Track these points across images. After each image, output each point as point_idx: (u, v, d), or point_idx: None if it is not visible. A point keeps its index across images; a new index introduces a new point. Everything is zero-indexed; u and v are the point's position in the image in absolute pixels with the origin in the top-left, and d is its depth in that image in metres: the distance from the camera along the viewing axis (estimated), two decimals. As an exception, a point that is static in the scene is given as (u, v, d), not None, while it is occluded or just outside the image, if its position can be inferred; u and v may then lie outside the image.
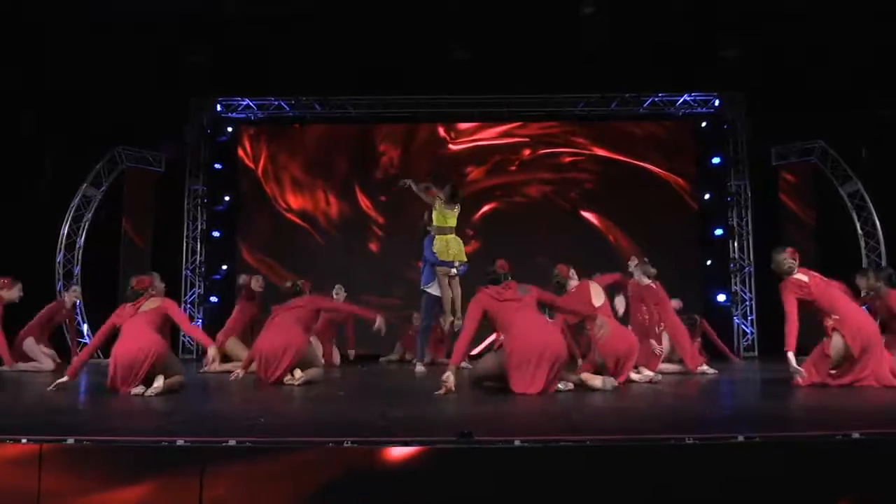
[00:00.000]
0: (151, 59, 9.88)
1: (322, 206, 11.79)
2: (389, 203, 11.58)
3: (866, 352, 4.96)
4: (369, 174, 11.80)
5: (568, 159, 11.75)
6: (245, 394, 5.13)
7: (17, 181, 10.21)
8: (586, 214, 11.66)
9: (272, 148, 11.94)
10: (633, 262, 7.20)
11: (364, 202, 11.75)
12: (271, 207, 11.78)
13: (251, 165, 11.89)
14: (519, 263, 10.88)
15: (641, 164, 11.67)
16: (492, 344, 8.49)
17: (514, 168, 11.81)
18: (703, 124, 11.68)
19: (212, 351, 5.26)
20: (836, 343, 5.03)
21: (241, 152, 11.90)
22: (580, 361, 5.81)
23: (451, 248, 7.13)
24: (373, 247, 11.68)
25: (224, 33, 9.69)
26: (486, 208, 11.68)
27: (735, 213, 11.30)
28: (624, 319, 6.93)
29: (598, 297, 5.92)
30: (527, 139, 11.83)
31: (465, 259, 7.25)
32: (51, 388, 4.89)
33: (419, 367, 7.39)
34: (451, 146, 11.89)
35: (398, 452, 2.52)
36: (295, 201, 11.82)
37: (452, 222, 7.23)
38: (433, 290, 7.30)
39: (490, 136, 11.88)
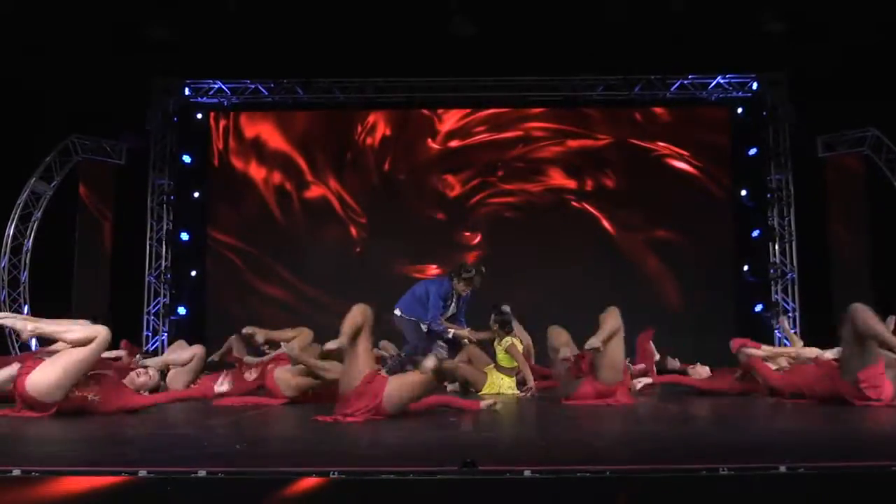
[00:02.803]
0: (108, 33, 9.84)
1: (301, 199, 11.81)
2: (373, 197, 11.72)
3: None
4: (355, 165, 11.84)
5: (583, 148, 11.74)
6: (216, 419, 5.13)
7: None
8: (603, 213, 11.66)
9: (247, 136, 11.95)
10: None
11: (347, 195, 11.80)
12: (246, 202, 11.80)
13: (223, 156, 11.91)
14: (525, 268, 11.03)
15: (668, 155, 11.69)
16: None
17: (520, 159, 11.79)
18: (739, 110, 11.68)
19: None
20: None
21: (212, 142, 11.91)
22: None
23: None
24: (356, 246, 11.73)
25: (192, 5, 9.68)
26: (487, 208, 11.71)
27: (776, 211, 11.30)
28: None
29: None
30: (537, 127, 11.83)
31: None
32: None
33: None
34: (447, 136, 11.88)
35: (393, 482, 2.53)
36: (272, 194, 11.83)
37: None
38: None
39: (494, 123, 11.86)
